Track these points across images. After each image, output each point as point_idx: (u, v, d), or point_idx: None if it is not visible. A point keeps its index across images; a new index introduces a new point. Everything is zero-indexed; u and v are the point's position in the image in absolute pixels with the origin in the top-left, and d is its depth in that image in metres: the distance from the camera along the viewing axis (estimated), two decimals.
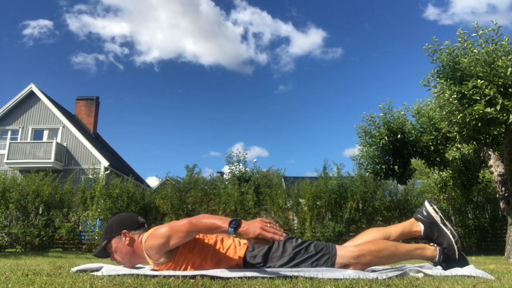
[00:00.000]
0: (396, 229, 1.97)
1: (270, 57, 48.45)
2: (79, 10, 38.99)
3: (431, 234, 1.89)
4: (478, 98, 4.43)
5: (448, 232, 1.86)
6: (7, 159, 16.29)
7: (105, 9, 40.60)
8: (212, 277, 1.52)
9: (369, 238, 1.90)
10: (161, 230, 1.65)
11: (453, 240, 1.83)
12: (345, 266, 1.71)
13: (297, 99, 49.32)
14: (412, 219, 1.98)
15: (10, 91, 40.90)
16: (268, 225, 1.53)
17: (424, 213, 1.94)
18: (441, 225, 1.89)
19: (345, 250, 1.75)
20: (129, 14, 42.52)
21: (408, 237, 2.01)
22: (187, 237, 1.64)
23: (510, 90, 4.34)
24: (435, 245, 1.87)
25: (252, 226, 1.51)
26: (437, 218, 1.90)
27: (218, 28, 46.41)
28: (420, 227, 1.93)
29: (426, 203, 1.96)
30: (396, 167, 7.26)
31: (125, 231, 1.87)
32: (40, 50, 38.69)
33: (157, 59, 46.51)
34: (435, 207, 1.93)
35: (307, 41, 52.42)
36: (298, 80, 47.75)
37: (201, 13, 44.87)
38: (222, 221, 1.54)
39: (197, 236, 1.82)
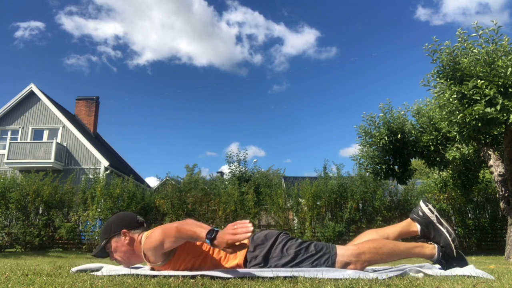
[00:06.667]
0: (393, 229, 1.98)
1: (264, 57, 48.49)
2: (70, 11, 38.83)
3: (428, 233, 1.91)
4: (478, 98, 4.43)
5: (444, 230, 1.87)
6: (7, 159, 16.29)
7: (97, 9, 40.47)
8: (212, 277, 1.52)
9: (367, 239, 1.91)
10: (155, 234, 1.63)
11: (449, 238, 1.85)
12: (346, 264, 1.72)
13: (292, 99, 49.44)
14: (409, 220, 2.00)
15: (7, 92, 40.77)
16: (237, 226, 1.44)
17: (420, 213, 1.95)
18: (437, 224, 1.90)
19: (345, 249, 1.77)
20: (121, 13, 42.40)
21: (406, 237, 2.02)
22: (177, 242, 1.61)
23: (510, 90, 4.34)
24: (433, 243, 1.88)
25: (222, 236, 1.43)
26: (432, 217, 1.91)
27: (212, 29, 46.42)
28: (417, 227, 1.94)
29: (421, 203, 1.98)
30: (396, 167, 7.26)
31: (124, 230, 1.85)
32: (33, 51, 38.61)
33: (151, 60, 46.52)
34: (430, 206, 1.94)
35: (300, 40, 52.39)
36: (293, 80, 47.88)
37: (194, 13, 44.82)
38: (202, 230, 1.49)
39: None
